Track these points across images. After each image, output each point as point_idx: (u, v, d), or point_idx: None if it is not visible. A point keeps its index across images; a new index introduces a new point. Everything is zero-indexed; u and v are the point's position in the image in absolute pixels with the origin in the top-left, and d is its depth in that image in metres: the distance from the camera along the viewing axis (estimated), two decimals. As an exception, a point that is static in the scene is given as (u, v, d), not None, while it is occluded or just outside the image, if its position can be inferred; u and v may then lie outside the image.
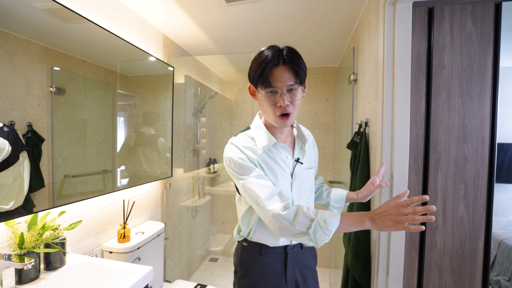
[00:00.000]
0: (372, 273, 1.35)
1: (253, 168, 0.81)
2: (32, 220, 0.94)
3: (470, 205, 1.26)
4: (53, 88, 1.05)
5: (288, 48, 0.79)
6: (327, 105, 2.81)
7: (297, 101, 0.79)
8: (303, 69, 0.78)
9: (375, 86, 1.37)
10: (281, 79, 0.76)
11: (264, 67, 0.76)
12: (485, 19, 1.24)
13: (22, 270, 0.89)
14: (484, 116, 1.24)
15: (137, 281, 0.93)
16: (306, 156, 0.92)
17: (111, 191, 1.38)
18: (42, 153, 1.01)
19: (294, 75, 0.76)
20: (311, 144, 0.97)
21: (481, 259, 1.27)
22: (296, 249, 0.93)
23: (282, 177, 0.85)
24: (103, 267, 1.05)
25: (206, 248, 2.88)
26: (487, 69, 1.24)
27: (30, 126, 0.97)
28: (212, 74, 2.82)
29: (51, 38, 1.05)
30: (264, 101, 0.80)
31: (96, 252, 1.33)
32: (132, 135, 1.60)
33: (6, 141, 0.88)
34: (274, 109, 0.79)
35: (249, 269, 0.91)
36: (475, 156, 1.25)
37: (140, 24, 1.68)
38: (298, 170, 0.89)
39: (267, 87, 0.77)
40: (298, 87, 0.79)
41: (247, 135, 0.89)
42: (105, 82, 1.34)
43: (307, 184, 0.92)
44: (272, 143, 0.85)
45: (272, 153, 0.85)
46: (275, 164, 0.85)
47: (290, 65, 0.76)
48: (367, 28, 1.52)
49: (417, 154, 1.27)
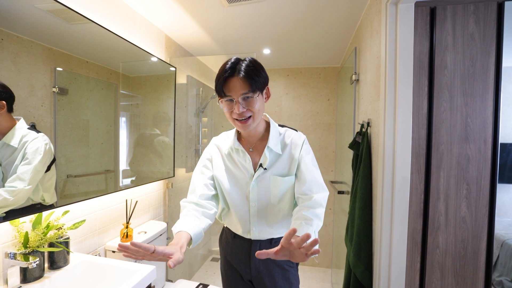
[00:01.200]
0: (374, 273, 1.34)
1: (201, 165, 1.00)
2: (36, 219, 0.95)
3: (472, 205, 1.26)
4: (56, 88, 1.06)
5: (249, 60, 0.86)
6: (329, 105, 2.81)
7: (255, 107, 0.85)
8: (258, 80, 0.84)
9: (377, 86, 1.37)
10: (234, 89, 0.83)
11: (219, 78, 0.84)
12: (488, 19, 1.24)
13: (27, 269, 0.90)
14: (486, 116, 1.24)
15: (140, 280, 0.94)
16: (275, 163, 0.93)
17: (114, 191, 1.39)
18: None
19: (248, 85, 0.82)
20: (287, 154, 0.94)
21: (483, 259, 1.26)
22: (264, 243, 0.98)
23: (240, 178, 0.96)
24: (106, 266, 1.06)
25: (207, 247, 2.89)
26: (490, 69, 1.24)
27: (34, 126, 0.98)
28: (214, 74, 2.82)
29: (54, 38, 1.06)
30: (224, 109, 0.88)
31: (99, 252, 1.34)
32: (135, 135, 1.60)
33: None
34: (231, 114, 0.87)
35: (223, 250, 1.07)
36: (477, 156, 1.25)
37: (142, 25, 1.69)
38: (260, 174, 0.93)
39: (223, 96, 0.85)
40: (253, 95, 0.84)
41: (226, 134, 1.04)
42: (107, 83, 1.34)
43: (274, 190, 0.93)
44: (229, 146, 0.97)
45: (233, 154, 0.97)
46: (233, 164, 0.97)
47: (243, 76, 0.82)
48: (369, 29, 1.52)
49: (419, 154, 1.27)
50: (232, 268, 1.04)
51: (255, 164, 0.95)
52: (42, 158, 0.98)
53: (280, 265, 0.99)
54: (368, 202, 1.41)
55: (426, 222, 1.28)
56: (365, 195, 1.41)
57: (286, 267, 1.00)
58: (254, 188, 0.94)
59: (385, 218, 1.24)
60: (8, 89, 0.90)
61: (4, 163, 0.90)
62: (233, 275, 1.04)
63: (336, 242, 2.59)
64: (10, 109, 0.92)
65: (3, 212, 0.87)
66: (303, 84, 2.86)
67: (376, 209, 1.34)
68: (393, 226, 1.21)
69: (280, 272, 0.99)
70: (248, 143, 0.98)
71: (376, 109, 1.38)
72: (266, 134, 0.97)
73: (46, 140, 1.01)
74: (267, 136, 0.97)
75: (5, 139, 0.90)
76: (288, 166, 0.94)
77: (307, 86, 2.86)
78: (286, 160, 0.94)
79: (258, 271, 0.99)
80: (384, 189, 1.23)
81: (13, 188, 0.90)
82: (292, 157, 0.94)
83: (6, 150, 0.91)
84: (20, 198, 0.92)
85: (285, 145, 0.95)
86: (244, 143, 0.98)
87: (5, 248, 0.91)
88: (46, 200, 1.01)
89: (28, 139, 0.94)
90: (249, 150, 0.96)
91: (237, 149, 0.96)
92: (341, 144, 2.46)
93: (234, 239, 1.02)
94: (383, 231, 1.24)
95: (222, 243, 1.09)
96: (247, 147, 0.97)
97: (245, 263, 1.00)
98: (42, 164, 0.99)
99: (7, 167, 0.90)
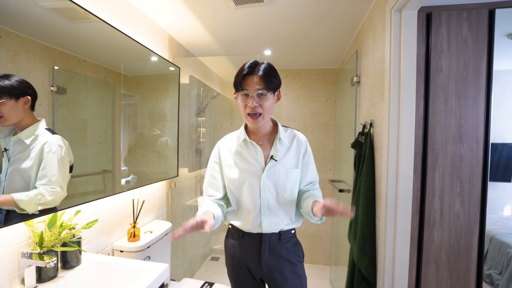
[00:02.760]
0: (378, 267, 1.40)
1: (211, 169, 1.09)
2: (52, 219, 0.96)
3: (465, 202, 1.32)
4: (55, 87, 1.04)
5: (267, 64, 0.97)
6: (327, 106, 2.87)
7: (266, 105, 0.95)
8: (273, 80, 0.95)
9: (380, 89, 1.42)
10: (251, 84, 0.94)
11: (239, 75, 0.95)
12: (480, 25, 1.30)
13: (42, 268, 0.91)
14: (479, 117, 1.31)
15: (155, 278, 0.96)
16: (285, 156, 1.02)
17: (120, 192, 1.40)
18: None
19: (264, 83, 0.93)
20: (294, 148, 1.04)
21: (475, 253, 1.33)
22: (273, 239, 1.03)
23: (251, 172, 1.01)
24: (118, 266, 1.07)
25: (208, 247, 2.92)
26: (482, 72, 1.31)
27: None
28: (213, 75, 2.85)
29: (53, 37, 1.04)
30: (239, 102, 0.97)
31: (107, 251, 1.35)
32: (138, 135, 1.62)
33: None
34: (245, 109, 0.96)
35: (232, 249, 1.09)
36: (470, 155, 1.31)
37: (146, 25, 1.70)
38: (272, 166, 1.00)
39: (240, 90, 0.95)
40: (267, 93, 0.95)
41: (233, 134, 1.11)
42: (105, 82, 1.33)
43: (284, 182, 1.01)
44: (241, 139, 1.02)
45: (243, 149, 1.03)
46: (243, 159, 1.03)
47: (261, 75, 0.93)
48: (372, 33, 1.57)
49: (416, 154, 1.33)
50: (242, 267, 1.06)
51: (266, 156, 1.02)
52: (60, 161, 0.99)
53: (289, 260, 1.04)
54: (371, 199, 1.46)
55: (422, 219, 1.35)
56: (368, 193, 1.46)
57: (295, 262, 1.05)
58: (265, 181, 1.00)
59: (390, 215, 1.29)
60: (33, 87, 0.91)
61: (13, 158, 0.90)
62: (243, 274, 1.07)
63: (335, 240, 2.65)
64: (33, 107, 0.93)
65: (37, 209, 0.91)
66: (302, 85, 2.92)
67: (380, 206, 1.39)
68: (397, 223, 1.26)
69: (289, 267, 1.03)
70: (257, 138, 1.05)
71: (379, 111, 1.43)
72: (274, 130, 1.06)
73: (61, 142, 1.02)
74: (275, 131, 1.06)
75: (20, 135, 0.91)
76: (296, 158, 1.04)
77: (305, 87, 2.91)
78: (294, 153, 1.04)
79: (269, 268, 1.03)
80: (388, 187, 1.29)
81: (54, 190, 0.95)
82: (298, 151, 1.04)
83: (18, 146, 0.91)
84: (56, 200, 0.97)
85: (292, 139, 1.05)
86: (252, 138, 1.04)
87: (20, 248, 0.92)
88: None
89: (42, 140, 0.95)
90: (259, 143, 1.03)
91: (247, 143, 1.02)
92: (340, 144, 2.52)
93: (243, 238, 1.05)
94: (388, 227, 1.30)
95: (229, 244, 1.11)
96: (257, 141, 1.03)
97: (256, 260, 1.03)
98: (63, 166, 1.01)
99: (15, 163, 0.90)
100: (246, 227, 1.03)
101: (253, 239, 1.03)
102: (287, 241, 1.05)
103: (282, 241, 1.03)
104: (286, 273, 1.02)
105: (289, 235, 1.06)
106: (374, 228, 1.45)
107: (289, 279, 1.02)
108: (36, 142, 0.94)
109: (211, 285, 1.59)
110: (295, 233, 1.09)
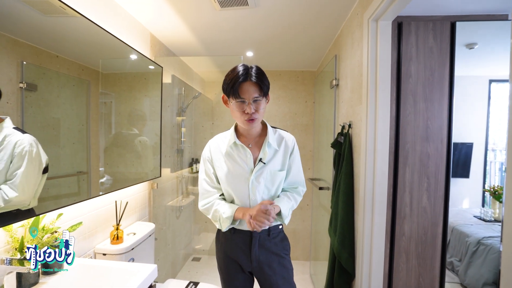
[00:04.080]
0: (357, 259, 1.49)
1: (204, 168, 1.11)
2: (33, 223, 0.92)
3: (432, 196, 1.45)
4: (24, 84, 0.98)
5: (256, 67, 1.00)
6: (306, 107, 2.97)
7: (261, 110, 1.00)
8: (266, 85, 0.99)
9: (358, 92, 1.51)
10: (248, 92, 0.96)
11: (235, 82, 0.95)
12: (443, 35, 1.44)
13: (22, 275, 0.87)
14: (443, 119, 1.44)
15: (143, 280, 0.95)
16: (273, 158, 1.06)
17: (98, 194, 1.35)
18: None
19: (259, 89, 0.97)
20: (282, 150, 1.08)
21: (440, 243, 1.46)
22: (262, 235, 1.07)
23: (240, 174, 1.04)
24: (104, 268, 1.05)
25: (190, 247, 2.89)
26: (445, 78, 1.44)
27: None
28: (194, 74, 2.83)
29: (22, 30, 0.98)
30: (235, 109, 0.99)
31: (90, 255, 1.31)
32: (115, 135, 1.57)
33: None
34: (243, 115, 0.98)
35: (222, 245, 1.13)
36: (435, 154, 1.45)
37: (127, 22, 1.65)
38: (259, 168, 1.04)
39: (237, 98, 0.96)
40: (262, 99, 0.99)
41: (223, 135, 1.13)
42: (79, 79, 1.28)
43: (270, 183, 1.06)
44: (232, 142, 1.05)
45: (233, 151, 1.06)
46: (233, 160, 1.05)
47: (255, 81, 0.96)
48: (350, 39, 1.66)
49: (389, 152, 1.43)
50: (233, 261, 1.11)
51: (255, 159, 1.06)
52: (29, 162, 0.92)
53: (277, 254, 1.09)
54: (350, 196, 1.55)
55: (394, 212, 1.46)
56: (348, 190, 1.55)
57: (283, 255, 1.11)
58: (253, 182, 1.04)
59: (367, 210, 1.39)
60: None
61: None
62: (234, 267, 1.11)
63: (314, 236, 2.75)
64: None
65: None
66: (282, 86, 2.99)
67: (359, 201, 1.48)
68: (374, 217, 1.36)
69: (277, 260, 1.09)
70: (247, 140, 1.08)
71: (358, 112, 1.52)
72: (263, 132, 1.10)
73: (31, 141, 0.95)
74: (264, 133, 1.10)
75: None
76: (282, 161, 1.08)
77: (286, 88, 2.99)
78: (281, 155, 1.08)
79: (258, 262, 1.07)
80: (366, 183, 1.38)
81: (5, 197, 0.85)
82: (286, 153, 1.09)
83: None
84: (15, 204, 0.89)
85: (280, 141, 1.09)
86: (242, 140, 1.07)
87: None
88: (30, 205, 0.95)
89: (11, 140, 0.88)
90: (248, 146, 1.06)
91: (237, 145, 1.05)
92: (319, 144, 2.62)
93: (234, 234, 1.09)
94: (366, 221, 1.39)
95: (220, 240, 1.15)
96: (246, 144, 1.07)
97: (246, 255, 1.08)
98: (33, 168, 0.95)
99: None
100: (238, 224, 1.08)
101: (244, 235, 1.08)
102: (275, 236, 1.10)
103: (271, 236, 1.09)
104: (274, 266, 1.08)
105: (277, 231, 1.11)
106: (353, 222, 1.54)
107: (277, 271, 1.08)
108: (4, 144, 0.88)
109: (196, 284, 1.59)
110: (282, 228, 1.14)
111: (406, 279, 1.47)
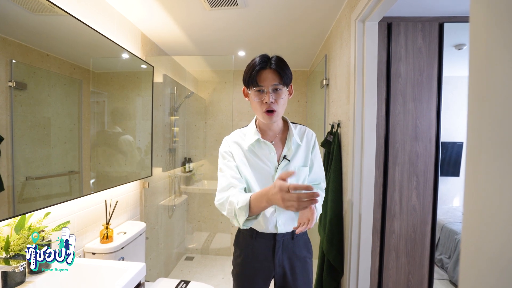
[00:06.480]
0: (345, 256, 1.50)
1: (224, 162, 1.00)
2: (19, 222, 0.91)
3: (421, 195, 1.47)
4: (13, 82, 0.97)
5: (276, 56, 0.93)
6: (299, 106, 2.99)
7: (281, 100, 0.92)
8: (287, 74, 0.92)
9: (347, 92, 1.52)
10: (266, 80, 0.89)
11: (253, 69, 0.90)
12: (432, 36, 1.46)
13: (8, 274, 0.86)
14: (431, 119, 1.46)
15: (131, 278, 0.95)
16: (296, 154, 1.00)
17: (90, 193, 1.35)
18: (0, 154, 0.92)
19: (279, 77, 0.90)
20: (304, 145, 1.03)
21: (428, 241, 1.49)
22: (286, 238, 1.01)
23: (263, 170, 0.98)
24: (92, 267, 1.05)
25: (182, 246, 2.89)
26: (434, 79, 1.46)
27: None
28: (187, 74, 2.82)
29: (10, 28, 0.97)
30: (253, 98, 0.93)
31: (79, 254, 1.30)
32: (106, 134, 1.56)
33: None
34: (261, 106, 0.91)
35: (242, 250, 1.04)
36: (424, 153, 1.47)
37: (118, 21, 1.64)
38: (284, 166, 0.98)
39: (255, 86, 0.90)
40: (283, 88, 0.91)
41: (241, 131, 1.05)
42: (70, 78, 1.27)
43: (294, 180, 0.99)
44: (255, 139, 0.97)
45: (255, 148, 0.99)
46: (256, 158, 0.99)
47: (275, 68, 0.90)
48: (339, 39, 1.68)
49: (379, 151, 1.45)
50: (253, 268, 1.03)
51: (278, 156, 1.00)
52: None
53: (301, 258, 1.04)
54: (339, 194, 1.56)
55: (384, 211, 1.48)
56: (336, 188, 1.56)
57: (307, 259, 1.05)
58: (276, 178, 0.95)
59: (355, 208, 1.40)
60: None
61: None
62: (253, 275, 1.03)
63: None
64: None
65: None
66: (275, 85, 3.00)
67: (347, 200, 1.49)
68: (361, 215, 1.37)
69: (300, 265, 1.03)
70: (268, 137, 1.02)
71: (346, 112, 1.54)
72: (285, 128, 1.05)
73: None
74: (286, 129, 1.04)
75: None
76: (305, 156, 1.03)
77: (278, 87, 3.00)
78: (304, 151, 1.03)
79: (281, 266, 1.01)
80: (353, 181, 1.39)
81: None
82: (308, 148, 1.04)
83: None
84: None
85: (302, 136, 1.04)
86: (264, 137, 1.01)
87: (-18, 254, 0.87)
88: None
89: None
90: (271, 143, 1.00)
91: (260, 142, 0.98)
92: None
93: (255, 239, 1.01)
94: (353, 219, 1.40)
95: (240, 245, 1.06)
96: (269, 140, 1.01)
97: (269, 260, 1.01)
98: None
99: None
100: (260, 227, 1.00)
101: (267, 239, 1.01)
102: (299, 239, 1.04)
103: (295, 240, 1.03)
104: (297, 271, 1.02)
105: (301, 233, 1.05)
106: (341, 220, 1.56)
107: (298, 277, 1.02)
108: None
109: (187, 283, 1.59)
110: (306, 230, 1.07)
111: (396, 277, 1.49)
